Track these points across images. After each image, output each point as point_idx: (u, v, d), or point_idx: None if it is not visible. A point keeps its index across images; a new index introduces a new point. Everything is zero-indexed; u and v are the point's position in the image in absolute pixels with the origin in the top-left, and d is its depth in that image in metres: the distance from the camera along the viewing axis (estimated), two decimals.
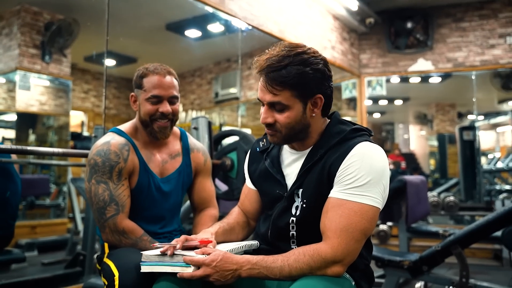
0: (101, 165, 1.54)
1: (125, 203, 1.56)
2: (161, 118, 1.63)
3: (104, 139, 1.61)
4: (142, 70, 1.65)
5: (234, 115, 7.24)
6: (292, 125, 1.25)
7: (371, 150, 1.21)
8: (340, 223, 1.16)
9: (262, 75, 1.22)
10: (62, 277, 2.98)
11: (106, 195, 1.53)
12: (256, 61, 1.25)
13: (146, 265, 1.25)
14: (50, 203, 5.35)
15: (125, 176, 1.58)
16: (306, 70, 1.20)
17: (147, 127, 1.65)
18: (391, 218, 3.61)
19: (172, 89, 1.63)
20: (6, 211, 2.40)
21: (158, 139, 1.67)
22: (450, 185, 6.95)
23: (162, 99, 1.62)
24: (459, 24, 5.72)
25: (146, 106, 1.62)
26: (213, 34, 5.70)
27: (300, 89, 1.22)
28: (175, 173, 1.72)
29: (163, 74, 1.62)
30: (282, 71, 1.19)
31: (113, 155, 1.56)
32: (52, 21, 5.05)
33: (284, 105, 1.22)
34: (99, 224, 1.56)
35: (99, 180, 1.54)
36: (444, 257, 2.45)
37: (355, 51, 6.02)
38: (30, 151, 1.80)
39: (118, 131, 1.66)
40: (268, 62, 1.21)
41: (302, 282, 1.13)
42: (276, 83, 1.20)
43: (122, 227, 1.53)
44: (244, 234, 1.52)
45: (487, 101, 7.68)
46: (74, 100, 6.76)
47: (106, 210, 1.52)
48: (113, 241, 1.55)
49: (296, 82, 1.20)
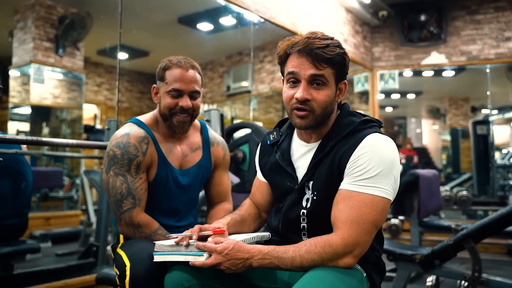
0: (120, 158, 1.54)
1: (142, 196, 1.57)
2: (181, 113, 1.61)
3: (123, 130, 1.60)
4: (166, 62, 1.63)
5: (245, 109, 7.24)
6: (327, 105, 1.25)
7: (381, 141, 1.20)
8: (350, 214, 1.16)
9: (305, 53, 1.23)
10: (75, 268, 3.02)
11: (124, 188, 1.53)
12: (286, 43, 1.27)
13: (159, 255, 1.27)
14: (64, 195, 5.41)
15: (143, 169, 1.58)
16: (344, 52, 1.26)
17: (166, 120, 1.64)
18: (403, 212, 3.59)
19: (193, 83, 1.62)
20: (21, 200, 2.43)
21: (176, 133, 1.66)
22: (463, 179, 6.88)
23: (183, 93, 1.60)
24: (473, 16, 5.64)
25: (166, 99, 1.61)
26: (225, 27, 5.69)
27: (338, 69, 1.25)
28: (194, 166, 1.72)
29: (186, 67, 1.61)
30: (326, 48, 1.21)
31: (132, 148, 1.56)
32: (65, 14, 5.08)
33: (326, 80, 1.23)
34: (115, 216, 1.57)
35: (117, 172, 1.54)
36: (457, 251, 2.43)
37: (368, 44, 5.98)
38: (45, 142, 1.83)
39: (138, 122, 1.65)
40: (310, 40, 1.23)
41: (313, 273, 1.14)
42: (321, 59, 1.22)
43: (138, 221, 1.54)
44: (256, 226, 1.53)
45: (501, 95, 7.57)
46: (87, 93, 6.81)
47: (123, 203, 1.53)
48: (127, 233, 1.57)
49: (337, 62, 1.24)
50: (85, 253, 3.25)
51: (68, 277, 2.80)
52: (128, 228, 1.55)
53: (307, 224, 1.30)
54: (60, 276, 2.81)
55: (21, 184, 2.42)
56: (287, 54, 1.27)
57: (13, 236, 2.49)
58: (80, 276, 2.84)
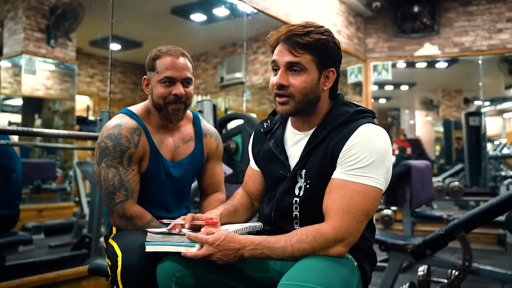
0: (111, 149, 1.52)
1: (134, 188, 1.56)
2: (175, 101, 1.59)
3: (115, 121, 1.58)
4: (155, 52, 1.61)
5: (239, 100, 7.23)
6: (307, 91, 1.25)
7: (374, 131, 1.21)
8: (342, 203, 1.17)
9: (283, 41, 1.25)
10: (68, 259, 3.01)
11: (116, 180, 1.52)
12: (274, 34, 1.28)
13: (151, 245, 1.27)
14: (56, 187, 5.39)
15: (135, 161, 1.57)
16: (328, 39, 1.25)
17: (160, 110, 1.61)
18: (395, 202, 3.62)
19: (185, 70, 1.59)
20: (11, 191, 2.43)
21: (171, 121, 1.63)
22: (455, 170, 6.93)
23: (175, 80, 1.58)
24: (466, 8, 5.65)
25: (158, 88, 1.58)
26: (219, 18, 5.67)
27: (319, 56, 1.25)
28: (187, 158, 1.71)
29: (176, 55, 1.59)
30: (305, 36, 1.22)
31: (124, 139, 1.53)
32: (57, 4, 5.03)
33: (303, 66, 1.24)
34: (108, 208, 1.55)
35: (109, 164, 1.53)
36: (448, 241, 2.46)
37: (361, 36, 5.97)
38: (36, 132, 1.82)
39: (129, 113, 1.63)
40: (290, 28, 1.24)
41: (304, 261, 1.15)
42: (298, 45, 1.23)
43: (130, 213, 1.53)
44: (248, 215, 1.53)
45: (494, 87, 7.62)
46: (80, 84, 6.77)
47: (115, 196, 1.52)
48: (120, 225, 1.56)
49: (317, 48, 1.24)
50: (78, 244, 3.24)
51: (61, 269, 2.79)
52: (120, 220, 1.54)
53: (300, 212, 1.30)
54: (53, 267, 2.80)
55: (12, 175, 2.42)
56: (276, 45, 1.29)
57: (5, 227, 2.49)
58: (72, 268, 2.85)
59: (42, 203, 5.06)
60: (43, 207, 4.95)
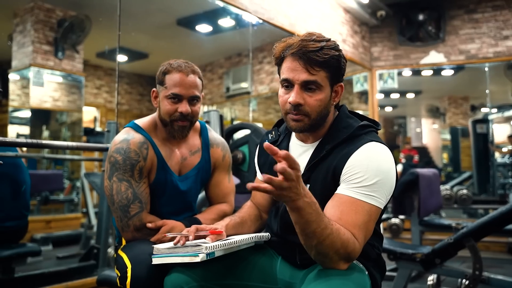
0: (122, 163, 1.53)
1: (147, 200, 1.56)
2: (180, 119, 1.59)
3: (122, 136, 1.59)
4: (166, 66, 1.60)
5: (245, 110, 7.25)
6: (321, 109, 1.24)
7: (378, 151, 1.20)
8: (357, 219, 1.14)
9: (298, 57, 1.22)
10: (76, 270, 3.01)
11: (130, 193, 1.52)
12: (284, 45, 1.25)
13: (157, 257, 1.27)
14: (64, 198, 5.41)
15: (145, 174, 1.57)
16: (340, 55, 1.24)
17: (166, 126, 1.62)
18: (403, 211, 3.59)
19: (193, 88, 1.59)
20: (20, 202, 2.44)
21: (175, 138, 1.64)
22: (463, 178, 6.89)
23: (182, 98, 1.57)
24: (471, 15, 5.65)
25: (165, 104, 1.58)
26: (224, 29, 5.70)
27: (333, 72, 1.24)
28: (193, 170, 1.70)
29: (186, 72, 1.58)
30: (319, 51, 1.20)
31: (133, 153, 1.54)
32: (64, 17, 5.10)
33: (319, 84, 1.22)
34: (122, 223, 1.53)
35: (120, 178, 1.52)
36: (457, 250, 2.43)
37: (366, 44, 5.98)
38: (44, 144, 1.83)
39: (135, 126, 1.63)
40: (304, 43, 1.21)
41: (319, 275, 1.13)
42: (314, 63, 1.20)
43: (148, 221, 1.54)
44: (257, 227, 1.52)
45: (501, 94, 7.58)
46: (87, 96, 6.82)
47: (130, 208, 1.51)
48: (138, 238, 1.54)
49: (332, 65, 1.22)
50: (86, 255, 3.24)
51: (69, 280, 2.80)
52: (138, 233, 1.53)
53: None
54: (61, 278, 2.80)
55: (21, 187, 2.43)
56: (282, 57, 1.27)
57: (13, 238, 2.49)
58: (81, 279, 2.85)
59: (50, 214, 5.08)
60: (51, 218, 4.96)
